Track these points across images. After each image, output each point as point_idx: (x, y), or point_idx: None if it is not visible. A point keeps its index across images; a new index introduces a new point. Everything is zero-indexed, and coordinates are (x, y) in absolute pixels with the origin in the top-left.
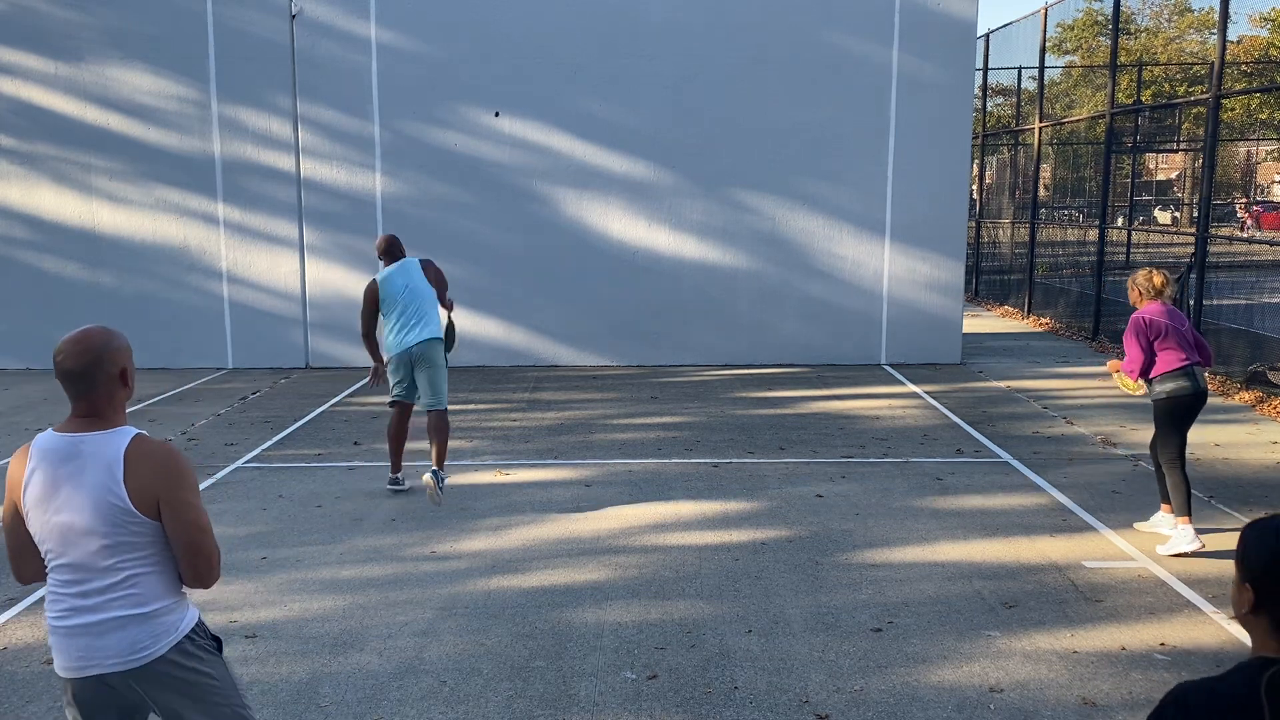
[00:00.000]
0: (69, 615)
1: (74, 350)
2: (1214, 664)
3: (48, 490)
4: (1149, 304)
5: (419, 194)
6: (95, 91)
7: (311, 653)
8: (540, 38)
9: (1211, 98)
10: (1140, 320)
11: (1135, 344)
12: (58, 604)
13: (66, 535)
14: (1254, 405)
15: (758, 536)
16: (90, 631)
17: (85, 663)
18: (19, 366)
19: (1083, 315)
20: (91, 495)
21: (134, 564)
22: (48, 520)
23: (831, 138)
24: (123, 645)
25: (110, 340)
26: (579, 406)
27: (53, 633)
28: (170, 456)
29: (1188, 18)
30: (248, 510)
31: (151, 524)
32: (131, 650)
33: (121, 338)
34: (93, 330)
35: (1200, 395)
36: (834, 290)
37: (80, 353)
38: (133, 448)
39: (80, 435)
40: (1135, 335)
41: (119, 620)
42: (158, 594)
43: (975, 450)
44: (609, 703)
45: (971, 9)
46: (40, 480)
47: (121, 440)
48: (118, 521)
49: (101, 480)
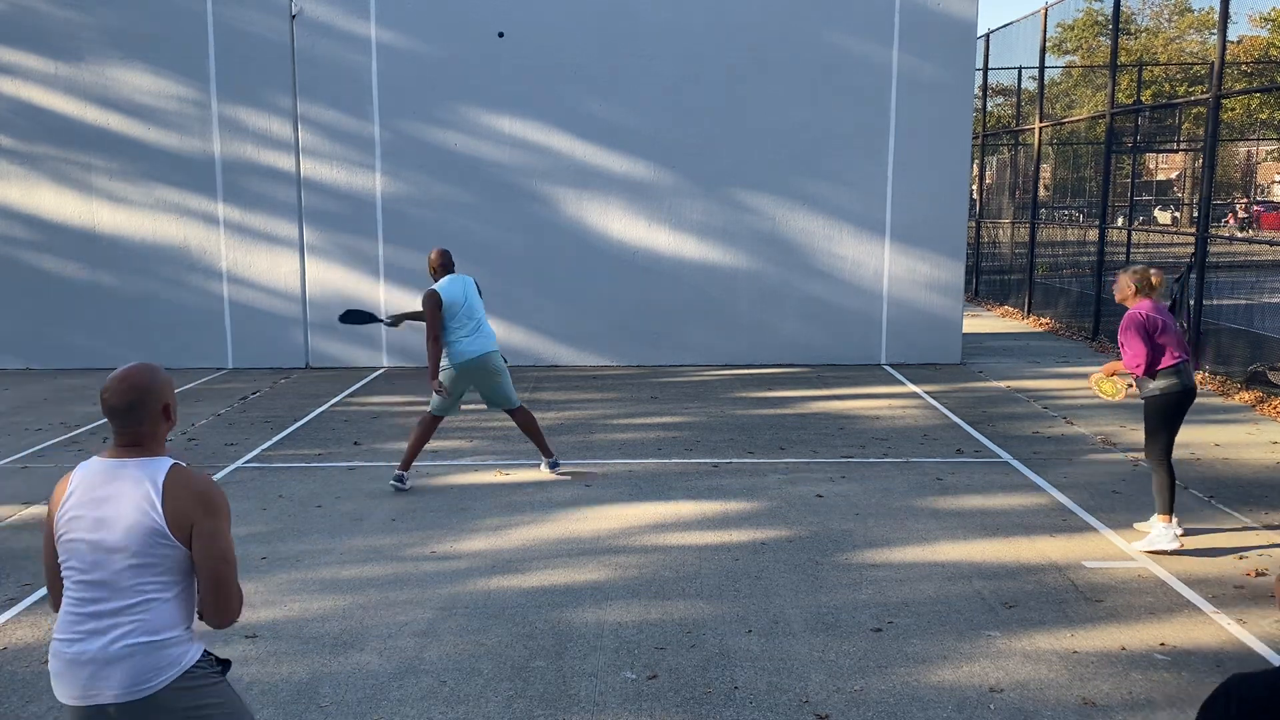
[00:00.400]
0: (77, 640)
1: (119, 388)
2: (1214, 664)
3: (85, 509)
4: (1142, 300)
5: (419, 194)
6: (95, 91)
7: (311, 653)
8: (540, 37)
9: (1211, 98)
10: (1139, 315)
11: (1138, 340)
12: (70, 626)
13: (97, 551)
14: (1254, 405)
15: (758, 536)
16: (95, 660)
17: (87, 692)
18: (19, 366)
19: (1083, 315)
20: (128, 514)
21: (155, 588)
22: (80, 538)
23: (831, 138)
24: (126, 677)
25: (154, 377)
26: (579, 406)
27: (55, 657)
28: (208, 486)
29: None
30: (248, 510)
31: (181, 550)
32: (134, 683)
33: (163, 374)
34: (137, 368)
35: (1191, 392)
36: (834, 290)
37: (126, 390)
38: (172, 474)
39: (123, 460)
40: (1136, 331)
41: (127, 649)
42: (170, 623)
43: (975, 450)
44: (609, 703)
45: (971, 9)
46: (78, 500)
47: (162, 466)
48: (150, 542)
49: (139, 502)
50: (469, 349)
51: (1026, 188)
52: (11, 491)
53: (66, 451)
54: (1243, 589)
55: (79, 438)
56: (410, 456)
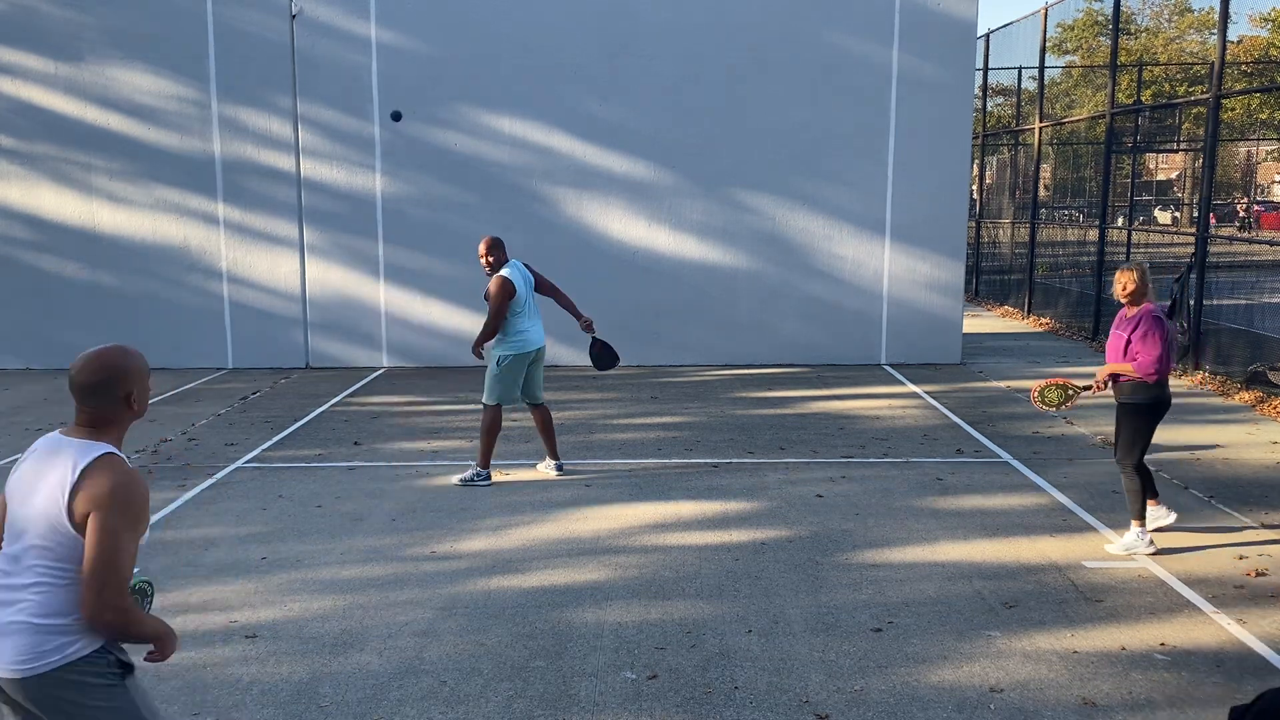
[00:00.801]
0: None
1: (86, 366)
2: (1214, 664)
3: (22, 481)
4: (1147, 303)
5: (419, 194)
6: (95, 91)
7: (311, 653)
8: (540, 38)
9: (1211, 98)
10: (1160, 316)
11: (1161, 342)
12: None
13: (15, 525)
14: (1254, 405)
15: (758, 536)
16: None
17: None
18: (19, 366)
19: (1083, 315)
20: (44, 496)
21: (51, 574)
22: (12, 510)
23: (831, 138)
24: (11, 651)
25: (126, 361)
26: (579, 406)
27: None
28: (121, 481)
29: (1188, 18)
30: (248, 510)
31: (76, 539)
32: (16, 658)
33: (138, 360)
34: (111, 349)
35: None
36: (834, 290)
37: (93, 370)
38: (97, 463)
39: (70, 440)
40: (1161, 333)
41: (16, 625)
42: (59, 610)
43: (975, 450)
44: (609, 703)
45: (971, 9)
46: (22, 471)
47: (93, 453)
48: (50, 527)
49: (55, 486)
50: (535, 338)
51: (1026, 188)
52: None
53: None
54: (1243, 589)
55: None
56: (487, 452)
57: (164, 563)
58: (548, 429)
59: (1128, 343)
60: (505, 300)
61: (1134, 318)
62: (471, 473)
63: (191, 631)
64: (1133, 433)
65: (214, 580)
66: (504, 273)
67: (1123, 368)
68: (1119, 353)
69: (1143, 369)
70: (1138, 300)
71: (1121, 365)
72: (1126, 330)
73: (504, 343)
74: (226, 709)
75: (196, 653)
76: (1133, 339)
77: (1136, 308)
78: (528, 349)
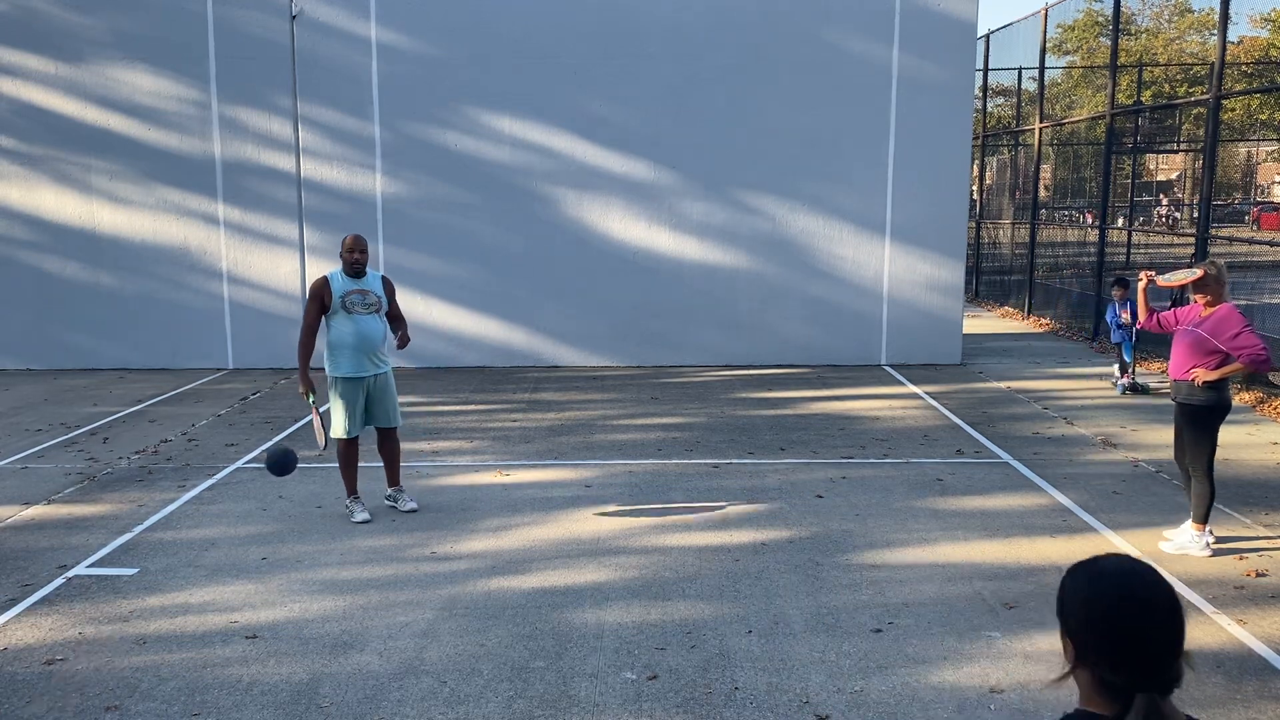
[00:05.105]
0: None
1: None
2: (1214, 664)
3: None
4: (1224, 303)
5: (419, 194)
6: (96, 92)
7: (311, 653)
8: (540, 38)
9: (1212, 98)
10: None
11: (1253, 332)
12: None
13: None
14: (1254, 405)
15: (758, 537)
16: None
17: None
18: (19, 366)
19: (1083, 316)
20: None
21: None
22: None
23: (831, 138)
24: None
25: None
26: (579, 407)
27: None
28: None
29: (1188, 18)
30: (248, 510)
31: None
32: None
33: None
34: None
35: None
36: (834, 290)
37: None
38: None
39: None
40: (1249, 325)
41: None
42: None
43: (975, 451)
44: (609, 703)
45: (971, 9)
46: None
47: None
48: None
49: None
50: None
51: (1027, 188)
52: (11, 492)
53: (66, 452)
54: (1243, 589)
55: (79, 438)
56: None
57: (164, 563)
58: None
59: (1199, 339)
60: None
61: (1209, 316)
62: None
63: (191, 632)
64: (1197, 436)
65: (214, 580)
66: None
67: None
68: (1194, 351)
69: (1251, 357)
70: (1219, 300)
71: (1237, 366)
72: (1204, 328)
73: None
74: (226, 709)
75: (196, 653)
76: (1217, 334)
77: (1212, 308)
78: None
